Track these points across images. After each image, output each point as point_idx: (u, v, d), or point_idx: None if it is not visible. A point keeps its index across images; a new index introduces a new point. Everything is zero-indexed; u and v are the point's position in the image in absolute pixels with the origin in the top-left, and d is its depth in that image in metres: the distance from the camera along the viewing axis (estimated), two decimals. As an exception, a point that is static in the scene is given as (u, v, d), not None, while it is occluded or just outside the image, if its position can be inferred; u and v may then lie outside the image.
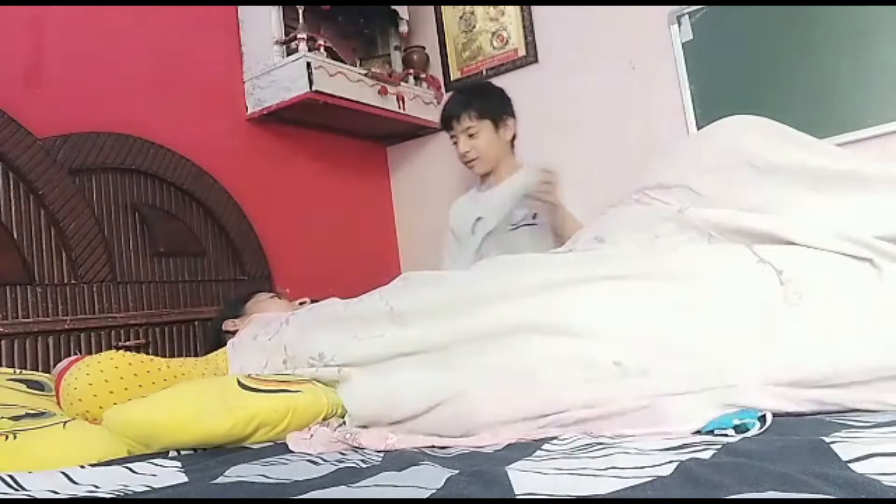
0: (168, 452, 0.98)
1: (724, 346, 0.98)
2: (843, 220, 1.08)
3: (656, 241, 1.22)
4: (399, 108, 2.53)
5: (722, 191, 1.24)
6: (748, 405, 0.89)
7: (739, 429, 0.82)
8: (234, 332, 1.56)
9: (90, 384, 1.09)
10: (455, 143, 2.02)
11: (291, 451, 0.98)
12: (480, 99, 2.00)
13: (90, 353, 1.57)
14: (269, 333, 1.35)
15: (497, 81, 2.65)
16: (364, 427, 1.11)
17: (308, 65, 2.16)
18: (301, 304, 1.68)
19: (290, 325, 1.34)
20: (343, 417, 1.20)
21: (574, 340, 1.05)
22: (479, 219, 2.04)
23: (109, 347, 1.65)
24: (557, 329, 1.07)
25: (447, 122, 2.02)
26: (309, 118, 2.38)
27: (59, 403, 1.14)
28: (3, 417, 1.00)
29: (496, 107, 2.01)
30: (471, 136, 1.97)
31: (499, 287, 1.16)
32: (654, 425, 0.89)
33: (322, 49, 2.27)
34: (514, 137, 2.06)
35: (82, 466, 0.87)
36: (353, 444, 1.00)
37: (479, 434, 1.01)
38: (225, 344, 1.46)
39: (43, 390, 1.24)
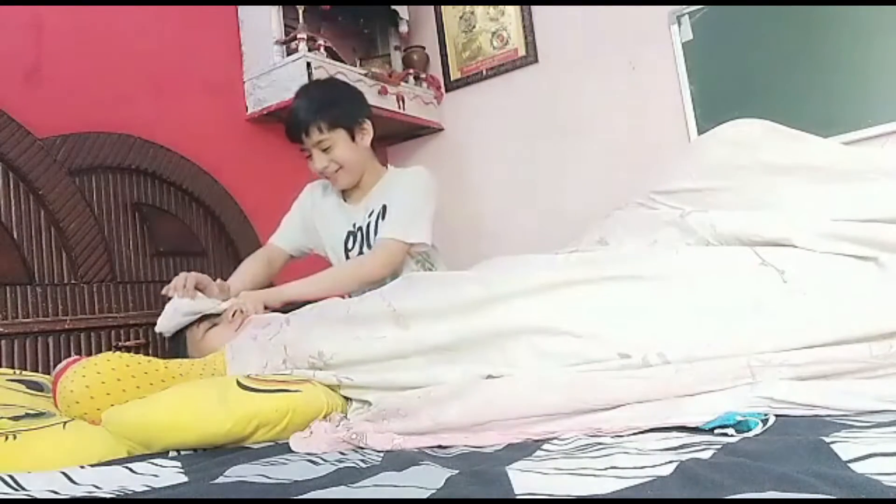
0: (168, 452, 0.98)
1: (731, 340, 0.98)
2: (847, 209, 1.09)
3: (655, 245, 1.23)
4: (399, 108, 2.53)
5: (728, 191, 1.25)
6: (775, 398, 0.88)
7: (740, 428, 0.82)
8: None
9: (87, 386, 1.08)
10: (308, 157, 1.69)
11: (291, 451, 0.97)
12: (329, 106, 1.66)
13: (90, 353, 1.57)
14: (270, 334, 1.34)
15: (497, 81, 2.67)
16: (370, 422, 1.10)
17: (308, 65, 2.17)
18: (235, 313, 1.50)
19: (291, 325, 1.34)
20: (344, 413, 1.20)
21: (577, 340, 1.05)
22: (351, 233, 1.79)
23: (109, 348, 1.65)
24: (560, 329, 1.07)
25: (294, 134, 1.66)
26: (309, 118, 2.38)
27: (56, 405, 1.14)
28: (3, 417, 1.00)
29: (348, 113, 1.69)
30: (325, 150, 1.66)
31: (502, 288, 1.16)
32: (666, 418, 0.89)
33: (322, 49, 2.27)
34: (374, 140, 1.77)
35: (82, 466, 0.87)
36: (359, 445, 1.00)
37: (482, 433, 1.01)
38: None
39: (42, 391, 1.24)
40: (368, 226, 1.75)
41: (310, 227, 1.86)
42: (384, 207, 1.72)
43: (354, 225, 1.78)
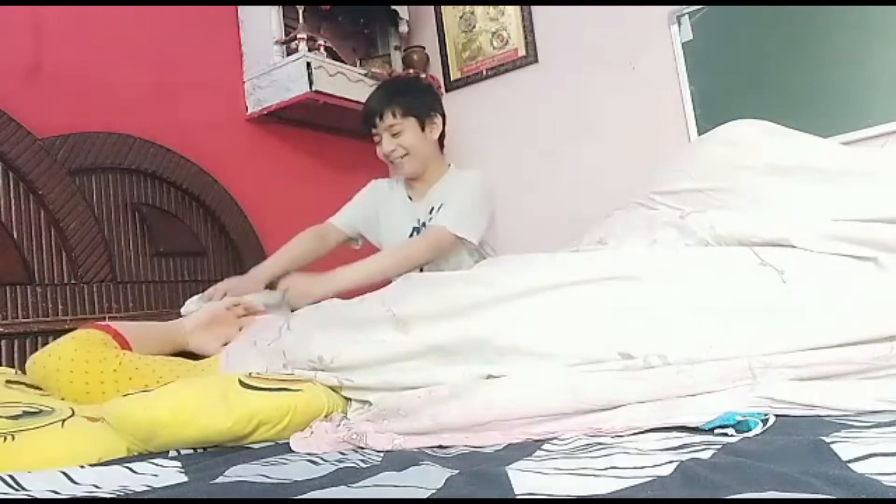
0: (168, 452, 0.98)
1: (732, 342, 0.98)
2: (847, 209, 1.09)
3: (655, 245, 1.23)
4: (399, 108, 2.52)
5: (727, 192, 1.25)
6: (776, 398, 0.88)
7: (740, 428, 0.82)
8: None
9: (62, 367, 1.15)
10: (378, 142, 1.83)
11: (291, 451, 0.98)
12: (405, 95, 1.82)
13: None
14: (269, 339, 1.34)
15: (497, 81, 2.67)
16: (370, 422, 1.10)
17: (308, 65, 2.17)
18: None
19: (291, 329, 1.34)
20: (344, 413, 1.20)
21: (578, 340, 1.05)
22: (416, 229, 1.88)
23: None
24: (561, 329, 1.07)
25: (369, 118, 1.81)
26: (309, 118, 2.38)
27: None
28: (1, 417, 1.00)
29: (422, 104, 1.83)
30: (394, 134, 1.79)
31: (502, 288, 1.16)
32: (666, 418, 0.89)
33: (322, 49, 2.27)
34: (442, 137, 1.90)
35: (82, 466, 0.87)
36: (360, 445, 1.00)
37: (482, 433, 1.01)
38: None
39: (41, 388, 1.24)
40: (431, 221, 1.84)
41: (371, 216, 1.97)
42: (442, 206, 1.82)
43: (419, 220, 1.88)
